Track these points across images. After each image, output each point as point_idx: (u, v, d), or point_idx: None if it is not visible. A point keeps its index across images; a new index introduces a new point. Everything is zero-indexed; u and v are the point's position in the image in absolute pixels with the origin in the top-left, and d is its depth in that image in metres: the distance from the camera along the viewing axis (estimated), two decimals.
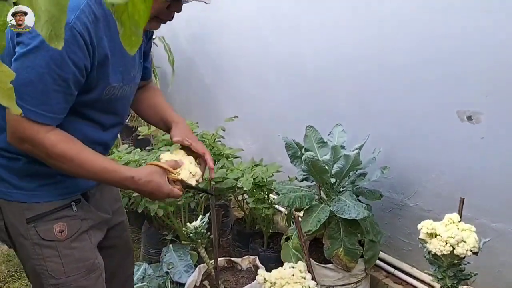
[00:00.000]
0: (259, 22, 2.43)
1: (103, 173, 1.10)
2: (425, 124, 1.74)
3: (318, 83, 2.16)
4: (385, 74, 1.84)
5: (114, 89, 1.14)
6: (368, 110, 1.94)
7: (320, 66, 2.13)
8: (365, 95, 1.95)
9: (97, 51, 1.04)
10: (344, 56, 1.99)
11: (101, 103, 1.15)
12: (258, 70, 2.55)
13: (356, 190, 1.82)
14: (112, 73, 1.10)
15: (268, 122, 2.58)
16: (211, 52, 2.95)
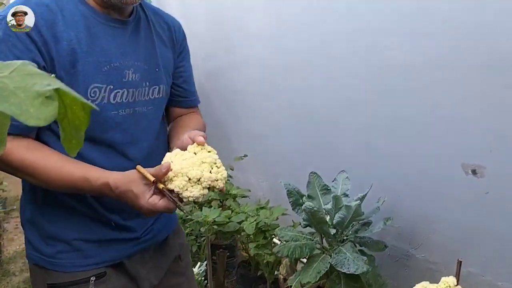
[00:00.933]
0: (272, 65, 2.46)
1: (73, 182, 0.97)
2: (430, 175, 1.71)
3: (325, 128, 2.15)
4: (391, 124, 1.83)
5: (101, 93, 1.02)
6: (373, 158, 1.92)
7: (327, 112, 2.13)
8: (371, 144, 1.93)
9: (53, 45, 0.96)
10: (352, 105, 1.99)
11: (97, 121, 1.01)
12: (268, 111, 2.56)
13: (360, 240, 1.78)
14: (93, 71, 1.00)
15: (277, 162, 2.58)
16: (226, 90, 2.99)
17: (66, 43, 0.98)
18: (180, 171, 0.96)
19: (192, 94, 1.33)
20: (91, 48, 1.01)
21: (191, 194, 0.96)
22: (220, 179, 0.98)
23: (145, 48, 1.14)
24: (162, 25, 1.22)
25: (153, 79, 1.14)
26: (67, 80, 0.96)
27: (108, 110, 1.04)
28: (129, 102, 1.08)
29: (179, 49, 1.26)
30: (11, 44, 0.92)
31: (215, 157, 1.00)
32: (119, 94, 1.05)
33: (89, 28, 1.02)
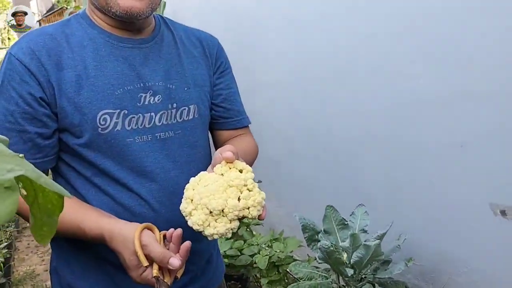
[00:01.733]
0: (291, 89, 2.39)
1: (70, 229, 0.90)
2: (455, 214, 1.61)
3: (344, 158, 2.06)
4: (414, 158, 1.73)
5: (113, 119, 0.93)
6: (394, 193, 1.82)
7: (347, 142, 2.04)
8: (392, 178, 1.83)
9: (55, 74, 0.91)
10: (373, 136, 1.90)
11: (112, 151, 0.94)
12: (286, 136, 2.49)
13: (379, 280, 1.67)
14: (102, 97, 0.93)
15: (293, 190, 2.50)
16: None
17: (71, 70, 0.92)
18: (199, 202, 0.78)
19: (237, 113, 1.17)
20: (100, 72, 0.94)
21: (215, 231, 0.77)
22: (253, 206, 0.78)
23: (171, 67, 1.03)
24: (193, 41, 1.12)
25: (181, 99, 1.02)
26: (71, 109, 0.91)
27: (122, 137, 0.94)
28: (146, 128, 0.97)
29: (216, 64, 1.14)
30: (10, 78, 0.90)
31: (246, 177, 0.79)
32: (134, 119, 0.96)
33: (98, 51, 0.96)
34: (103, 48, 0.97)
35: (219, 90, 1.14)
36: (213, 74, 1.13)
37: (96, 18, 1.00)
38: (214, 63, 1.14)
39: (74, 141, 0.93)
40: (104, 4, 0.94)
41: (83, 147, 0.93)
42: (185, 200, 0.81)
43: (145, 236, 0.84)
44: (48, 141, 0.93)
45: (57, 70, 0.91)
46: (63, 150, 0.96)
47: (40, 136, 0.92)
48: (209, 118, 1.13)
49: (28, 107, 0.90)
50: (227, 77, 1.17)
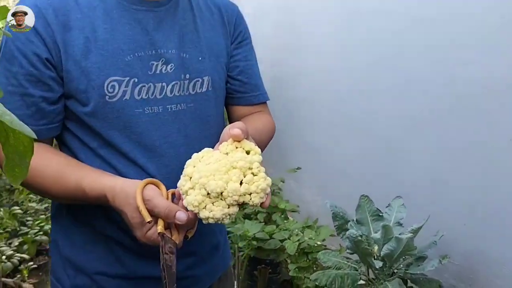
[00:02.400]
0: (337, 76, 2.33)
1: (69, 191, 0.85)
2: (498, 212, 1.51)
3: (386, 148, 1.99)
4: (460, 151, 1.63)
5: (121, 87, 0.88)
6: (435, 187, 1.73)
7: (390, 131, 1.96)
8: (434, 171, 1.74)
9: (61, 34, 0.85)
10: (417, 126, 1.81)
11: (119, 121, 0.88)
12: (329, 123, 2.44)
13: (411, 276, 1.60)
14: (111, 63, 0.87)
15: (333, 178, 2.44)
16: (290, 98, 2.89)
17: (79, 31, 0.86)
18: (197, 181, 0.72)
19: (254, 88, 1.08)
20: (110, 35, 0.88)
21: (210, 215, 0.71)
22: (255, 192, 0.71)
23: (185, 34, 0.96)
24: (211, 8, 1.04)
25: (195, 70, 0.95)
26: (77, 73, 0.85)
27: (131, 107, 0.89)
28: (157, 99, 0.91)
29: (234, 33, 1.05)
30: (15, 37, 0.85)
31: (252, 160, 0.73)
32: (144, 88, 0.89)
33: (108, 13, 0.89)
34: (114, 9, 0.89)
35: (236, 61, 1.05)
36: (230, 44, 1.04)
37: None
38: (233, 32, 1.05)
39: (80, 109, 0.88)
40: None
41: (89, 116, 0.88)
42: (184, 177, 0.75)
43: (148, 190, 0.79)
44: (53, 106, 0.88)
45: (64, 30, 0.85)
46: (68, 118, 0.91)
47: (45, 101, 0.86)
48: (225, 91, 1.05)
49: (33, 68, 0.84)
50: (246, 48, 1.08)
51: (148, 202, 0.76)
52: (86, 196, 0.83)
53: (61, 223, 0.99)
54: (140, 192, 0.77)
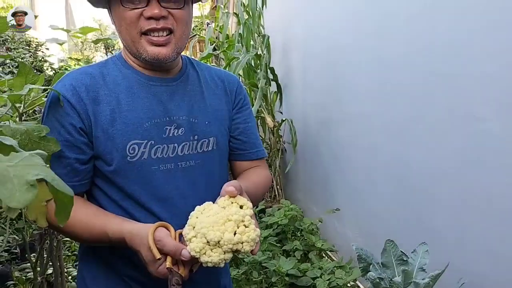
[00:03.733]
0: (373, 122, 2.45)
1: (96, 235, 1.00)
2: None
3: (418, 195, 2.07)
4: (484, 201, 1.69)
5: (141, 149, 1.05)
6: (461, 234, 1.78)
7: (422, 180, 2.05)
8: (461, 220, 1.80)
9: (92, 107, 1.04)
10: (447, 177, 1.89)
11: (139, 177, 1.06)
12: (368, 167, 2.54)
13: None
14: (132, 129, 1.06)
15: (371, 219, 2.52)
16: (331, 141, 3.04)
17: (106, 105, 1.06)
18: (199, 231, 0.87)
19: (252, 146, 1.27)
20: (131, 106, 1.07)
21: (209, 259, 0.86)
22: (246, 241, 0.87)
23: (194, 103, 1.16)
24: (215, 80, 1.25)
25: (202, 132, 1.14)
26: (104, 138, 1.04)
27: (148, 165, 1.07)
28: (170, 157, 1.09)
29: (234, 101, 1.25)
30: (55, 110, 1.04)
31: (244, 213, 0.89)
32: (159, 149, 1.08)
33: (130, 89, 1.09)
34: (135, 85, 1.10)
35: (237, 124, 1.24)
36: (232, 109, 1.24)
37: (129, 60, 1.14)
38: (234, 99, 1.25)
39: (106, 168, 1.06)
40: (135, 51, 1.08)
41: (113, 173, 1.05)
42: (188, 226, 0.91)
43: (158, 232, 0.93)
44: (84, 166, 1.05)
45: (94, 104, 1.05)
46: (96, 176, 1.09)
47: (78, 162, 1.04)
48: (228, 149, 1.24)
49: (69, 135, 1.03)
50: (245, 112, 1.27)
51: (159, 242, 0.92)
52: (109, 239, 0.99)
53: (88, 263, 1.15)
54: (152, 234, 0.92)
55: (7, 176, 0.57)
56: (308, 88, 3.35)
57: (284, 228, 2.54)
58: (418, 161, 2.09)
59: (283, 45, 3.85)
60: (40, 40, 5.01)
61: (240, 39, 3.58)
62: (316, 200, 3.24)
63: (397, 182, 2.26)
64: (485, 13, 1.64)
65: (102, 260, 1.12)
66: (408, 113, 2.13)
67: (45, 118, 1.06)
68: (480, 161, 1.71)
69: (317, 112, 3.22)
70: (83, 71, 1.10)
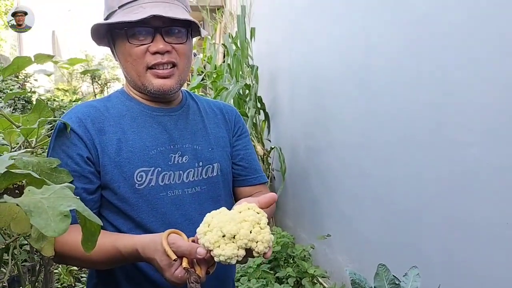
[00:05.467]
0: (359, 150, 2.53)
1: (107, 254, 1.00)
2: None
3: (404, 217, 2.12)
4: (471, 228, 1.75)
5: (148, 175, 1.08)
6: (450, 257, 1.84)
7: (409, 205, 2.11)
8: (449, 247, 1.86)
9: (98, 137, 1.07)
10: (431, 200, 1.95)
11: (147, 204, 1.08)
12: (356, 193, 2.60)
13: None
14: (139, 157, 1.09)
15: (360, 244, 2.57)
16: (319, 167, 3.10)
17: (112, 134, 1.09)
18: (215, 226, 0.88)
19: (253, 171, 1.30)
20: (137, 136, 1.11)
21: (222, 252, 0.85)
22: (261, 241, 0.87)
23: (196, 131, 1.21)
24: (214, 110, 1.30)
25: (206, 158, 1.18)
26: (111, 167, 1.06)
27: (156, 191, 1.09)
28: (177, 183, 1.12)
29: (234, 129, 1.30)
30: (61, 142, 1.07)
31: (260, 217, 0.90)
32: (167, 176, 1.11)
33: (135, 119, 1.14)
34: (139, 116, 1.15)
35: (238, 150, 1.29)
36: (232, 137, 1.29)
37: (132, 94, 1.19)
38: (233, 127, 1.30)
39: (114, 197, 1.08)
40: (140, 84, 1.13)
41: (121, 202, 1.07)
42: (203, 224, 0.91)
43: (172, 236, 0.94)
44: (91, 196, 1.07)
45: (100, 134, 1.08)
46: (104, 207, 1.10)
47: (85, 191, 1.05)
48: (231, 174, 1.28)
49: (76, 166, 1.05)
50: (245, 140, 1.32)
51: (173, 245, 0.91)
52: (121, 254, 0.98)
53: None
54: (166, 238, 0.93)
55: (41, 208, 0.62)
56: (295, 116, 3.43)
57: (276, 255, 2.56)
58: (405, 186, 2.15)
59: (270, 75, 3.94)
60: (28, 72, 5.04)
61: (229, 69, 3.66)
62: (305, 226, 3.27)
63: (385, 206, 2.32)
64: (468, 46, 1.74)
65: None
66: (394, 140, 2.21)
67: (51, 151, 1.09)
68: (466, 185, 1.78)
69: (305, 139, 3.29)
70: (88, 105, 1.15)
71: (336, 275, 2.69)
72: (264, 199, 0.95)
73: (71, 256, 1.02)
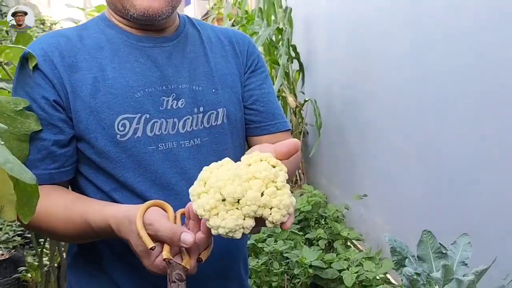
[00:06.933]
0: (405, 100, 2.25)
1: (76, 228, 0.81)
2: None
3: (456, 182, 1.87)
4: None
5: (133, 124, 0.87)
6: (508, 227, 1.59)
7: (462, 165, 1.85)
8: (507, 206, 1.60)
9: (68, 75, 0.86)
10: (489, 160, 1.68)
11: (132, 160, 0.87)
12: (398, 149, 2.35)
13: None
14: (121, 100, 0.87)
15: (401, 207, 2.34)
16: (358, 121, 2.84)
17: (87, 72, 0.87)
18: (213, 185, 0.65)
19: (271, 117, 1.04)
20: (119, 73, 0.88)
21: (222, 224, 0.63)
22: (277, 207, 0.63)
23: (196, 67, 0.96)
24: (220, 40, 1.04)
25: (208, 102, 0.94)
26: (86, 113, 0.85)
27: (144, 145, 0.87)
28: (170, 134, 0.90)
29: (246, 63, 1.04)
30: (23, 81, 0.87)
31: (276, 173, 0.66)
32: (157, 124, 0.88)
33: (116, 52, 0.90)
34: (122, 48, 0.91)
35: (251, 90, 1.02)
36: (244, 73, 1.02)
37: (113, 19, 0.94)
38: (245, 61, 1.03)
39: (91, 151, 0.87)
40: (120, 7, 0.90)
41: (100, 157, 0.86)
42: (198, 182, 0.68)
43: (150, 213, 0.73)
44: (64, 149, 0.86)
45: (71, 72, 0.86)
46: (80, 162, 0.90)
47: (55, 144, 0.85)
48: (242, 123, 1.03)
49: (42, 112, 0.85)
50: (260, 76, 1.05)
51: (150, 226, 0.71)
52: (93, 230, 0.79)
53: (78, 274, 0.96)
54: (141, 216, 0.71)
55: None
56: (333, 64, 3.15)
57: (306, 215, 2.37)
58: (457, 144, 1.88)
59: (305, 20, 3.63)
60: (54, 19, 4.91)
61: (260, 13, 3.38)
62: (340, 185, 3.06)
63: (432, 167, 2.06)
64: None
65: (95, 269, 0.93)
66: (448, 90, 1.92)
67: (13, 92, 0.89)
68: None
69: (343, 90, 3.01)
70: (57, 34, 0.91)
71: (371, 238, 2.49)
72: (283, 146, 0.70)
73: (35, 225, 0.83)
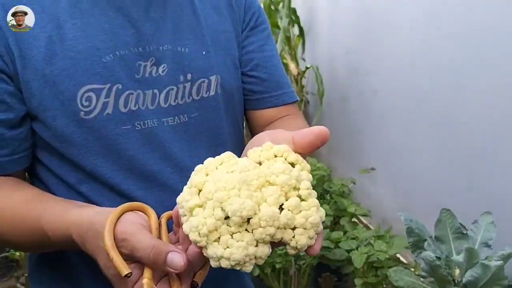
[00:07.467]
0: (416, 67, 2.08)
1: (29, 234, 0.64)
2: None
3: (474, 151, 1.72)
4: None
5: (101, 97, 0.67)
6: None
7: (478, 132, 1.70)
8: None
9: (15, 36, 0.66)
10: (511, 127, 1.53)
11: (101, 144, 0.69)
12: (408, 120, 2.20)
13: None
14: (84, 66, 0.67)
15: (411, 182, 2.20)
16: (363, 90, 2.68)
17: (40, 30, 0.67)
18: (211, 196, 0.46)
19: (275, 86, 0.85)
20: (80, 31, 0.68)
21: (226, 253, 0.45)
22: (302, 227, 0.46)
23: (181, 23, 0.75)
24: None
25: (198, 68, 0.74)
26: (39, 85, 0.66)
27: (116, 124, 0.68)
28: (150, 110, 0.70)
29: (245, 18, 0.83)
30: None
31: (297, 175, 0.48)
32: (132, 97, 0.69)
33: (76, 4, 0.69)
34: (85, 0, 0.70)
35: (250, 53, 0.82)
36: (241, 32, 0.82)
37: None
38: (243, 16, 0.83)
39: (48, 133, 0.68)
40: None
41: (60, 141, 0.68)
42: (190, 188, 0.49)
43: (124, 224, 0.54)
44: (14, 131, 0.68)
45: (19, 29, 0.68)
46: (38, 147, 0.72)
47: (3, 124, 0.67)
48: (240, 94, 0.84)
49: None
50: (261, 35, 0.84)
51: (124, 243, 0.52)
52: (50, 240, 0.61)
53: (40, 280, 0.79)
54: (111, 229, 0.52)
55: None
56: (336, 28, 2.95)
57: None
58: (475, 111, 1.73)
59: None
60: None
61: None
62: (344, 158, 2.92)
63: (447, 137, 1.91)
64: None
65: (61, 278, 0.75)
66: (467, 53, 1.74)
67: None
68: None
69: (347, 55, 2.83)
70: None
71: (379, 214, 2.37)
72: (306, 135, 0.51)
73: None
